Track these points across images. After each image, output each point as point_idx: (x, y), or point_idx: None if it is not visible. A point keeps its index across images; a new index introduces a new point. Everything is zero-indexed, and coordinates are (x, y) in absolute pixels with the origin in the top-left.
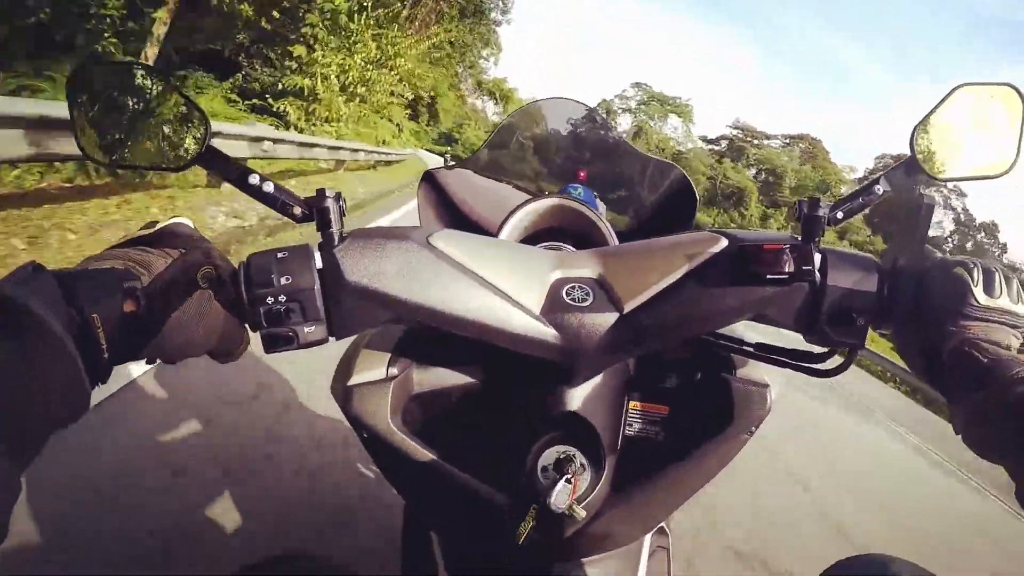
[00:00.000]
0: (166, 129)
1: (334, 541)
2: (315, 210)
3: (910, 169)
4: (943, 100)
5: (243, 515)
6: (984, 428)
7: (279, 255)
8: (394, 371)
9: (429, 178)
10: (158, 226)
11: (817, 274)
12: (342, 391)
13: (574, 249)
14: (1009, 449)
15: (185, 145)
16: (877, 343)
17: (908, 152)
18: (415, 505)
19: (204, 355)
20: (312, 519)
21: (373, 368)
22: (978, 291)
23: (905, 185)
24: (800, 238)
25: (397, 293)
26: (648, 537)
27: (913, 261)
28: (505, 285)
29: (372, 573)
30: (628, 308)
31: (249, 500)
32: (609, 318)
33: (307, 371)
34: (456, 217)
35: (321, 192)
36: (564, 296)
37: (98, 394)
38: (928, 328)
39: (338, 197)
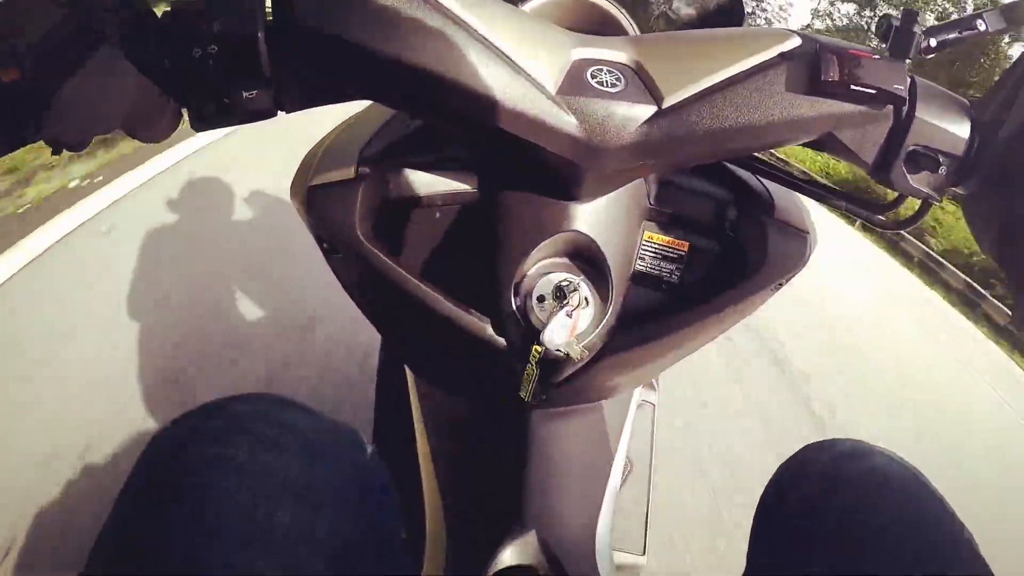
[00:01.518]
0: None
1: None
2: None
3: (1013, 13)
4: None
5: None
6: None
7: None
8: (365, 170)
9: None
10: None
11: (907, 98)
12: (302, 192)
13: None
14: None
15: None
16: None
17: None
18: (385, 333)
19: (118, 131)
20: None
21: (341, 167)
22: None
23: (1008, 28)
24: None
25: (371, 43)
26: (637, 390)
27: (1013, 115)
28: (514, 52)
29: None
30: (669, 102)
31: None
32: (643, 111)
33: None
34: None
35: None
36: (589, 78)
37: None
38: (1012, 197)
39: None
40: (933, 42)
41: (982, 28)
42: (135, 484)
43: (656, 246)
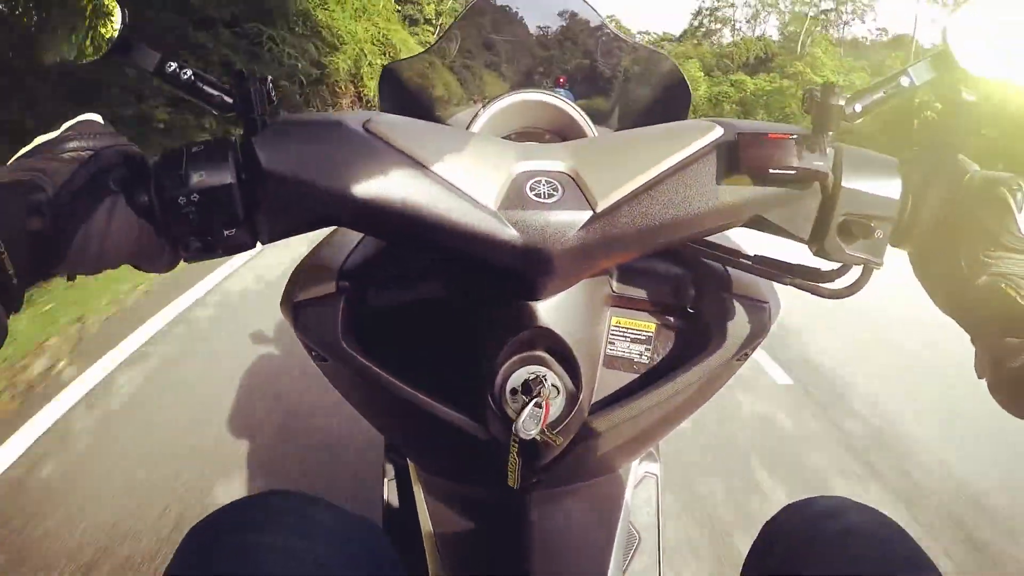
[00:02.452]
0: (79, 22)
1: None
2: (235, 96)
3: (942, 63)
4: None
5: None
6: (1015, 379)
7: (193, 149)
8: (345, 285)
9: (390, 72)
10: (65, 126)
11: (830, 173)
12: (290, 308)
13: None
14: None
15: (100, 35)
16: None
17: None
18: (380, 429)
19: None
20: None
21: (323, 283)
22: (1022, 218)
23: (935, 81)
24: (811, 130)
25: (325, 183)
26: (635, 464)
27: (945, 170)
28: (456, 176)
29: (358, 506)
30: (602, 206)
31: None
32: (579, 217)
33: None
34: (424, 116)
35: (239, 74)
36: (527, 191)
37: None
38: (957, 254)
39: (263, 80)
40: (858, 107)
41: (906, 84)
42: (182, 567)
43: (624, 330)
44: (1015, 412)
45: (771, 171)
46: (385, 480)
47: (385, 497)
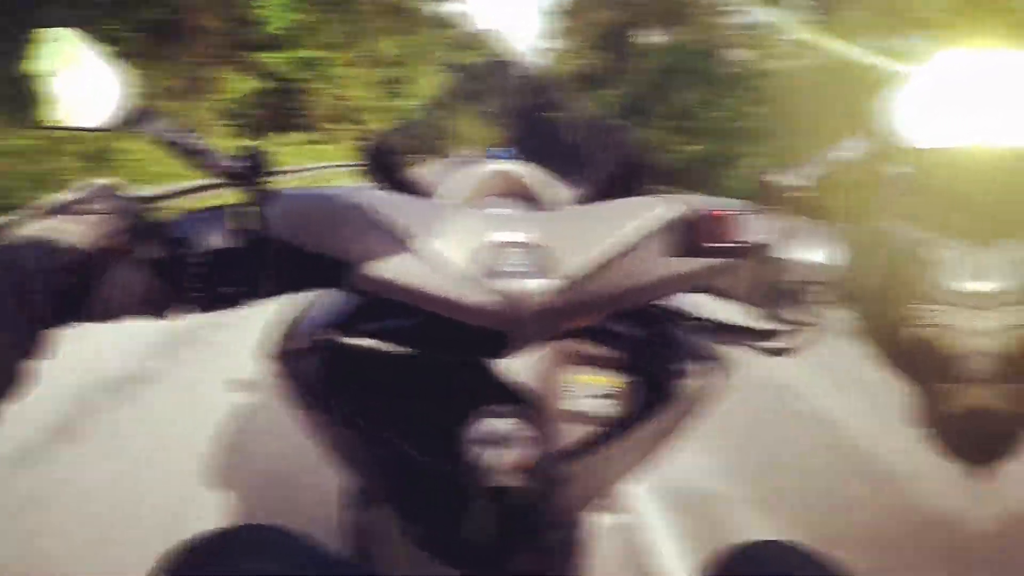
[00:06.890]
0: (92, 89)
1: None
2: (238, 167)
3: (881, 135)
4: (924, 62)
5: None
6: (946, 423)
7: (201, 215)
8: (326, 337)
9: (373, 144)
10: (79, 187)
11: (770, 245)
12: (272, 357)
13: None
14: (970, 449)
15: (111, 103)
16: None
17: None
18: (355, 479)
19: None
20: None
21: (302, 334)
22: (947, 273)
23: (875, 152)
24: (755, 206)
25: (321, 250)
26: (603, 516)
27: (877, 235)
28: (434, 246)
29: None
30: (569, 275)
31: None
32: (545, 285)
33: None
34: (402, 179)
35: (244, 148)
36: (502, 259)
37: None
38: (889, 311)
39: (262, 154)
40: (801, 182)
41: (845, 157)
42: None
43: (587, 386)
44: (950, 457)
45: (718, 244)
46: (353, 525)
47: (355, 541)
